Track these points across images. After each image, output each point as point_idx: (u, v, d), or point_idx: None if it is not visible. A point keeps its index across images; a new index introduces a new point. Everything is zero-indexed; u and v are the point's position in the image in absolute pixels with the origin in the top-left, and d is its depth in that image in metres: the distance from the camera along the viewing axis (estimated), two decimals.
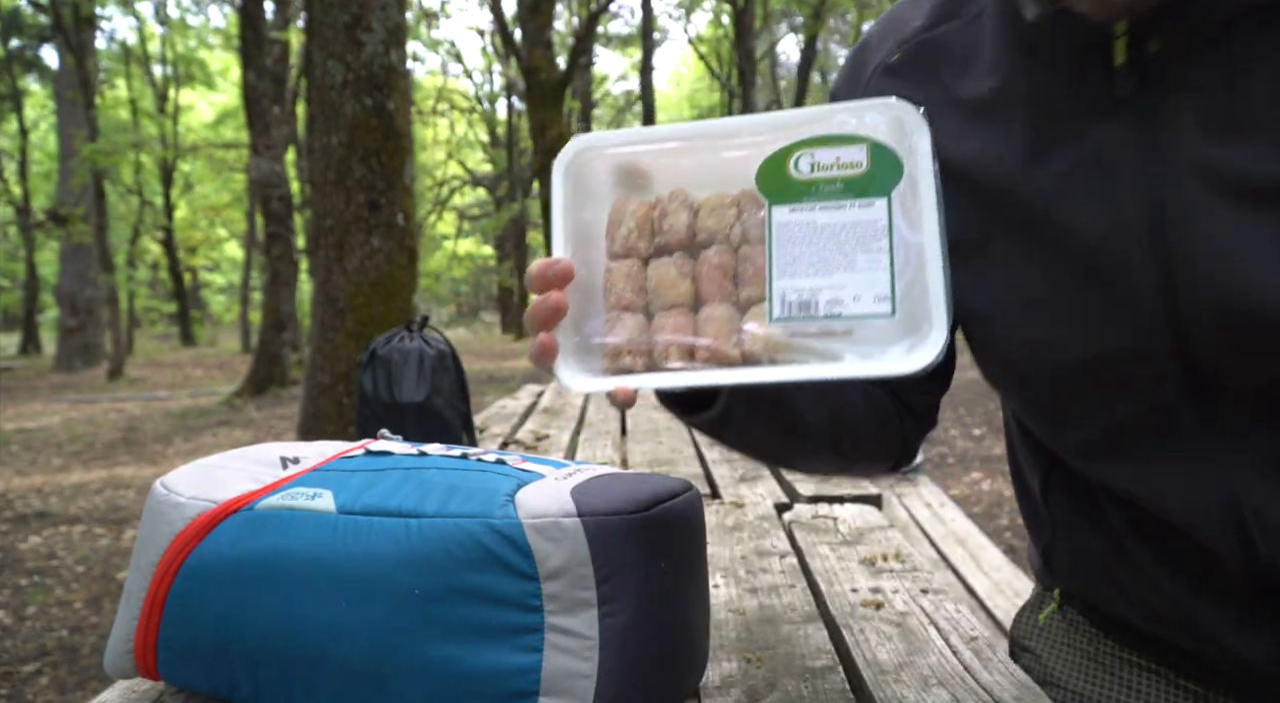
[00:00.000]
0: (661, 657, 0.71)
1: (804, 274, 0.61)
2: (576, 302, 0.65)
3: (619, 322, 0.64)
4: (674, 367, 0.62)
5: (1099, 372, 0.66)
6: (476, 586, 0.65)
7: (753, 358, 0.61)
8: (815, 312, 0.60)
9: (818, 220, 0.62)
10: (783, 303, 0.61)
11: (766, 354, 0.61)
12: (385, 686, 0.66)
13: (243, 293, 20.90)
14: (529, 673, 0.65)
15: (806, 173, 0.63)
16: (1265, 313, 0.56)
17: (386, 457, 0.79)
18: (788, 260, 0.62)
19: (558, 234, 0.65)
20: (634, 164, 0.67)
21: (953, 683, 0.79)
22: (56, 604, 3.66)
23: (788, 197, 0.63)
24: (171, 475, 0.78)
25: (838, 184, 0.62)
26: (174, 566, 0.72)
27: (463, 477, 0.71)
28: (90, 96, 13.76)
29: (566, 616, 0.65)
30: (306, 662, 0.68)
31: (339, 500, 0.71)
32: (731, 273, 0.64)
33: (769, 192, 0.63)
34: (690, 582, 0.76)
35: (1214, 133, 0.58)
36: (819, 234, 0.61)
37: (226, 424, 8.34)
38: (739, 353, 0.61)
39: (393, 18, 4.15)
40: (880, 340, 0.59)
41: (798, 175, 0.63)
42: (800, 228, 0.62)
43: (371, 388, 1.40)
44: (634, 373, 0.62)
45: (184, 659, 0.73)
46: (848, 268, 0.60)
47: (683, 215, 0.65)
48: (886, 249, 0.60)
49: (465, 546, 0.66)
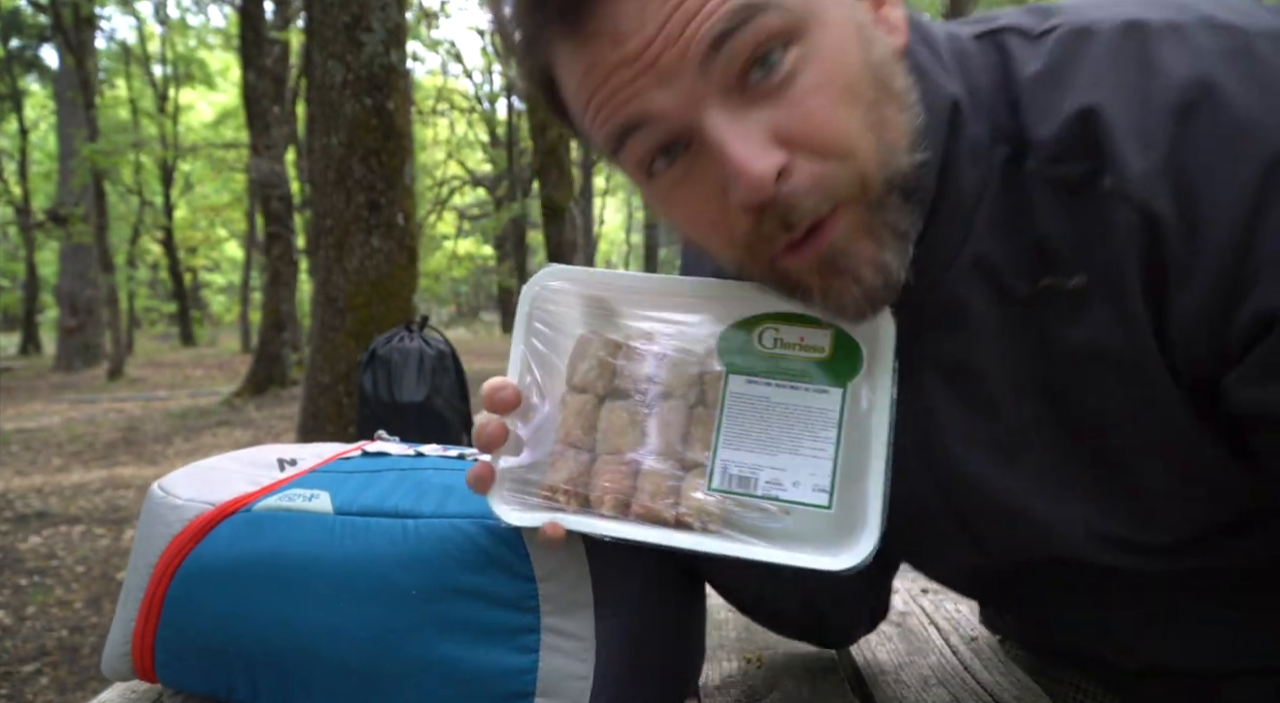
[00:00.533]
0: (658, 658, 0.71)
1: (749, 449, 0.61)
2: (525, 428, 0.65)
3: (562, 458, 0.64)
4: (607, 515, 0.62)
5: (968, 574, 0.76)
6: (473, 586, 0.65)
7: (685, 523, 0.61)
8: (753, 489, 0.60)
9: (771, 397, 0.62)
10: (723, 474, 0.61)
11: (699, 522, 0.61)
12: (382, 686, 0.66)
13: (243, 293, 20.88)
14: (525, 674, 0.65)
15: (770, 347, 0.63)
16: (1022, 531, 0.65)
17: (383, 458, 0.79)
18: (735, 433, 0.62)
19: (514, 359, 0.65)
20: (604, 300, 0.68)
21: (953, 683, 0.79)
22: (56, 604, 3.66)
23: (747, 368, 0.63)
24: (169, 478, 0.78)
25: (797, 364, 0.62)
26: (171, 567, 0.72)
27: (459, 477, 0.71)
28: (90, 96, 13.75)
29: (563, 617, 0.65)
30: (304, 662, 0.68)
31: (336, 501, 0.71)
32: (681, 432, 0.64)
33: (729, 359, 0.64)
34: (687, 583, 0.76)
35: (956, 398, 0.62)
36: (771, 411, 0.62)
37: (226, 424, 8.33)
38: (673, 516, 0.61)
39: (393, 18, 4.15)
40: (814, 531, 0.60)
41: (761, 348, 0.63)
42: (753, 401, 0.62)
43: (371, 388, 1.39)
44: (566, 513, 0.62)
45: (182, 661, 0.73)
46: (792, 451, 0.60)
47: (645, 363, 0.65)
48: (833, 441, 0.60)
49: (462, 546, 0.65)
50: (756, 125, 0.51)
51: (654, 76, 0.50)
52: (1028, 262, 0.57)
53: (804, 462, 0.60)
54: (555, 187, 11.16)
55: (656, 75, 0.50)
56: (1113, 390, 0.56)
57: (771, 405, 0.62)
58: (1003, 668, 0.82)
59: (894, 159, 0.53)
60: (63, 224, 14.81)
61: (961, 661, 0.83)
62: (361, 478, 0.74)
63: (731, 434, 0.62)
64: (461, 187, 23.09)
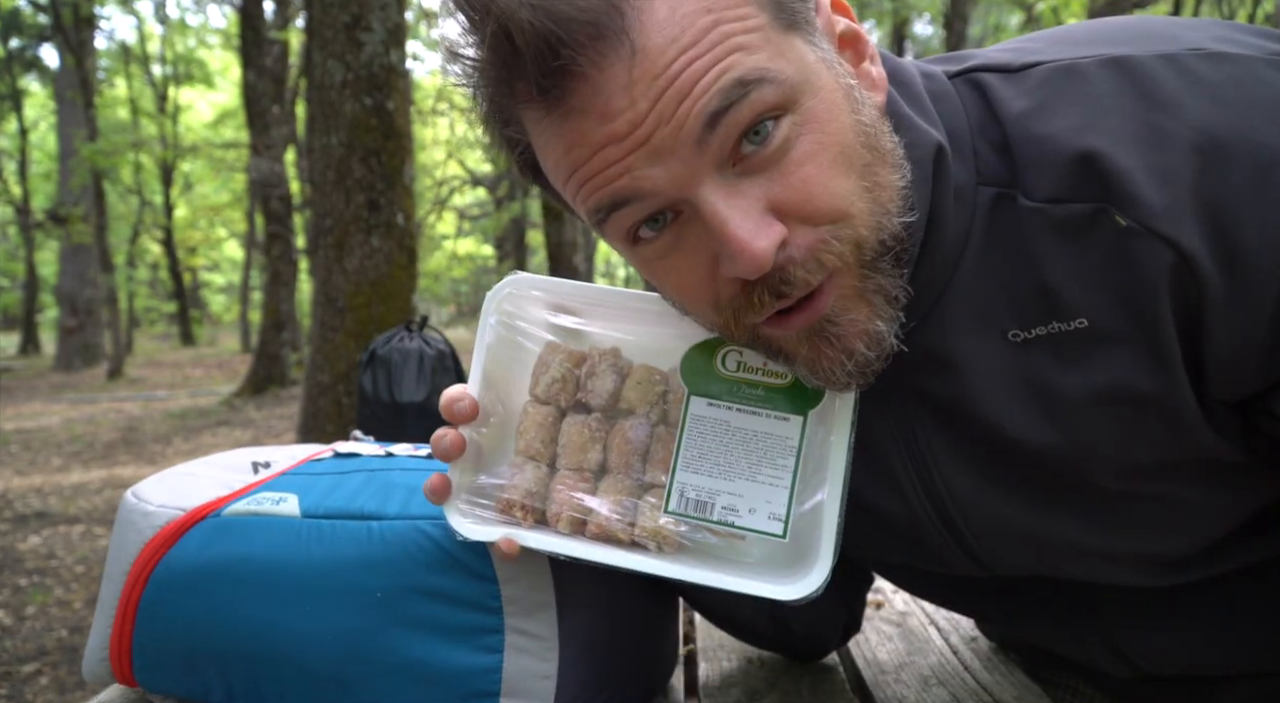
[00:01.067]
0: (623, 656, 0.71)
1: (707, 473, 0.61)
2: (485, 436, 0.65)
3: (521, 471, 0.64)
4: (563, 533, 0.62)
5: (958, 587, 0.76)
6: (437, 587, 0.66)
7: (640, 544, 0.61)
8: (710, 514, 0.60)
9: (732, 422, 0.61)
10: (680, 498, 0.61)
11: (655, 544, 0.61)
12: (351, 687, 0.67)
13: (242, 293, 20.88)
14: (490, 674, 0.66)
15: (732, 370, 0.62)
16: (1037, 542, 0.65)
17: (354, 458, 0.79)
18: (694, 455, 0.61)
19: (476, 371, 0.65)
20: (570, 311, 0.67)
21: (953, 683, 0.79)
22: (56, 604, 3.66)
23: (708, 391, 0.62)
24: (142, 484, 0.79)
25: (759, 390, 0.62)
26: (144, 573, 0.73)
27: (425, 478, 0.72)
28: (90, 96, 13.75)
29: (526, 617, 0.66)
30: (274, 664, 0.69)
31: (304, 504, 0.72)
32: (641, 451, 0.63)
33: (691, 380, 0.63)
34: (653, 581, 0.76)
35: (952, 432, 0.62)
36: (730, 435, 0.61)
37: (226, 424, 8.33)
38: (628, 537, 0.61)
39: (393, 18, 4.15)
40: (768, 558, 0.60)
41: (723, 371, 0.63)
42: (714, 424, 0.62)
43: (371, 388, 1.39)
44: (522, 530, 0.62)
45: (158, 665, 0.73)
46: (750, 478, 0.60)
47: (609, 379, 0.64)
48: (791, 469, 0.60)
49: (425, 548, 0.66)
50: (754, 200, 0.50)
51: (645, 154, 0.49)
52: (1020, 303, 0.56)
53: (761, 489, 0.59)
54: None
55: (648, 153, 0.49)
56: (1128, 424, 0.56)
57: (731, 430, 0.61)
58: (1003, 668, 0.82)
59: (887, 221, 0.53)
60: (62, 224, 14.81)
61: (961, 661, 0.83)
62: (330, 480, 0.75)
63: (690, 457, 0.61)
64: (461, 186, 23.09)
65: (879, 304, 0.54)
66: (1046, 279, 0.54)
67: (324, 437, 4.03)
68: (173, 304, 24.23)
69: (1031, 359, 0.57)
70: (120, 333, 14.33)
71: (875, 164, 0.53)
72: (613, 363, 0.65)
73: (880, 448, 0.65)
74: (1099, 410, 0.56)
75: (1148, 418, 0.55)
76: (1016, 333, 0.57)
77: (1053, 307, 0.55)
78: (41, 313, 22.81)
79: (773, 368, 0.62)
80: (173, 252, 21.14)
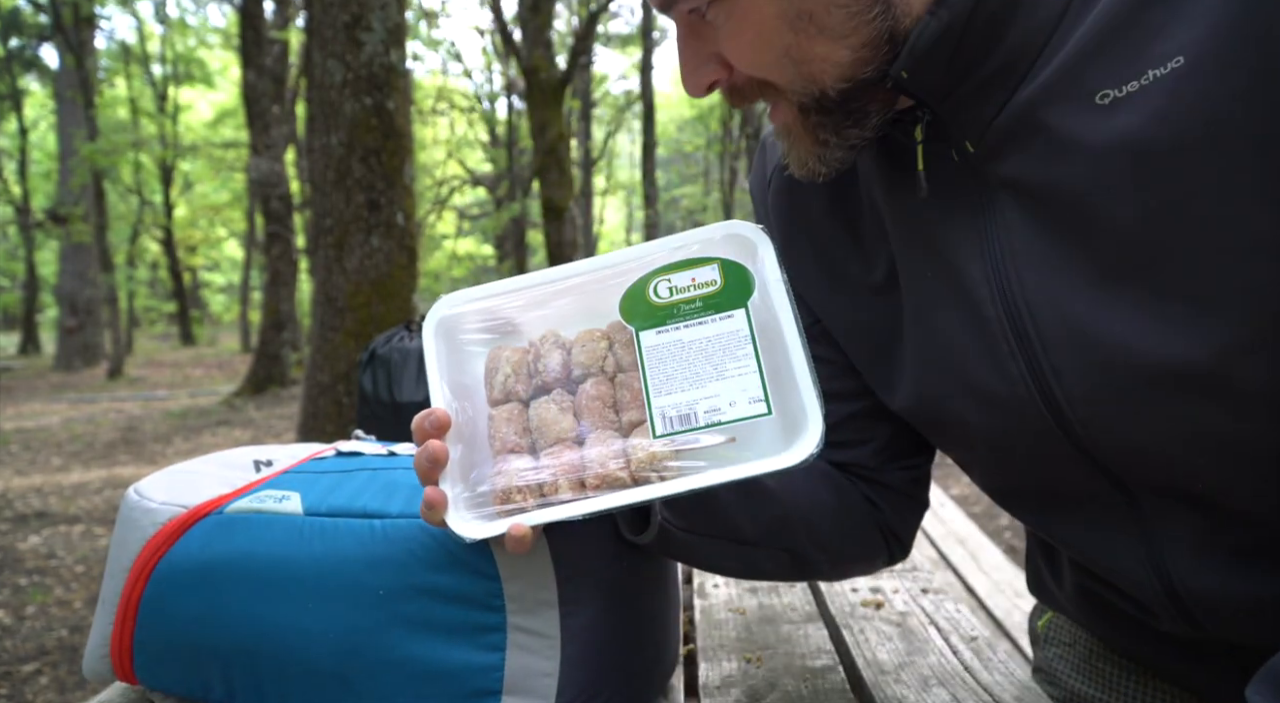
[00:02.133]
0: (625, 654, 0.71)
1: (679, 390, 0.63)
2: (463, 452, 0.65)
3: (505, 464, 0.64)
4: (565, 499, 0.62)
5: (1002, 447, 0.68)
6: (439, 585, 0.66)
7: (642, 477, 0.62)
8: (696, 422, 0.62)
9: (684, 338, 0.65)
10: (664, 419, 0.63)
11: (655, 471, 0.62)
12: (353, 685, 0.67)
13: (242, 293, 20.89)
14: (492, 671, 0.65)
15: (666, 297, 0.66)
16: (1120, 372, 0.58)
17: (356, 457, 0.79)
18: (661, 379, 0.64)
19: (434, 388, 0.67)
20: (500, 314, 0.70)
21: (953, 683, 0.79)
22: (56, 604, 3.66)
23: (652, 321, 0.66)
24: (144, 482, 0.79)
25: (697, 302, 0.66)
26: (146, 570, 0.73)
27: None
28: (90, 96, 13.75)
29: (528, 615, 0.66)
30: (276, 662, 0.68)
31: (306, 502, 0.72)
32: (611, 402, 0.66)
33: (633, 319, 0.67)
34: (656, 579, 0.76)
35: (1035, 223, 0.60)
36: (687, 350, 0.64)
37: (226, 424, 8.33)
38: (628, 475, 0.62)
39: (393, 17, 4.15)
40: (761, 441, 0.62)
41: (658, 300, 0.66)
42: (669, 347, 0.65)
43: (371, 388, 1.39)
44: (525, 511, 0.62)
45: (159, 663, 0.73)
46: (719, 377, 0.63)
47: (556, 355, 0.67)
48: (752, 355, 0.63)
49: (427, 546, 0.66)
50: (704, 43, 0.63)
51: None
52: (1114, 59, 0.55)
53: (733, 382, 0.62)
54: (555, 186, 11.15)
55: None
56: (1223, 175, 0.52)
57: (685, 346, 0.64)
58: (1003, 668, 0.82)
59: (814, 87, 0.61)
60: (62, 224, 14.81)
61: (961, 661, 0.84)
62: (333, 478, 0.75)
63: (658, 382, 0.64)
64: (461, 186, 23.09)
65: (830, 143, 0.63)
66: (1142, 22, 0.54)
67: (324, 436, 4.03)
68: (173, 304, 24.24)
69: (1121, 119, 0.54)
70: (120, 333, 14.34)
71: (803, 43, 0.59)
72: (555, 341, 0.68)
73: (955, 255, 0.64)
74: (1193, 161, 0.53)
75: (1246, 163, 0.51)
76: (1106, 94, 0.55)
77: (1149, 55, 0.53)
78: (41, 313, 22.82)
79: (701, 280, 0.66)
80: (173, 251, 21.14)
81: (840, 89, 0.60)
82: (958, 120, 0.61)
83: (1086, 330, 0.58)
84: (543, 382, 0.67)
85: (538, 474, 0.63)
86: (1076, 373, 0.59)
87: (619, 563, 0.70)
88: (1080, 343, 0.58)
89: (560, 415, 0.65)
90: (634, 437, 0.63)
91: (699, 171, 27.33)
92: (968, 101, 0.60)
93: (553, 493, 0.62)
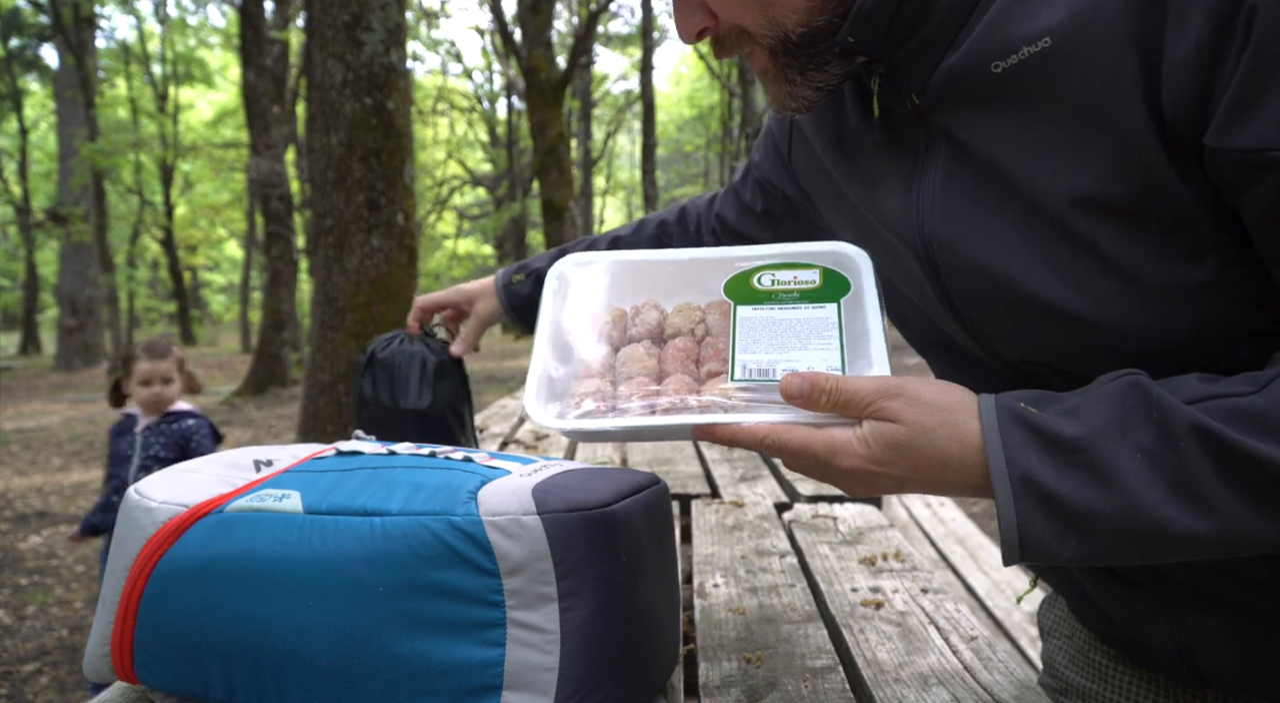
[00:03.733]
0: (625, 650, 0.71)
1: (763, 351, 0.68)
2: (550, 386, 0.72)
3: (585, 381, 0.70)
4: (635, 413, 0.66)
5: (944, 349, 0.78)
6: (439, 582, 0.66)
7: (709, 410, 0.65)
8: (772, 376, 0.66)
9: (776, 316, 0.71)
10: (743, 369, 0.67)
11: (721, 407, 0.65)
12: (353, 682, 0.67)
13: (243, 293, 20.91)
14: (492, 667, 0.66)
15: (768, 285, 0.73)
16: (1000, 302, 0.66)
17: (356, 456, 0.80)
18: (749, 342, 0.69)
19: (541, 335, 0.74)
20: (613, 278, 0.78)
21: (953, 683, 0.79)
22: (56, 604, 3.67)
23: (751, 301, 0.72)
24: (145, 481, 0.79)
25: (794, 293, 0.72)
26: (147, 569, 0.73)
27: (428, 475, 0.72)
28: (90, 96, 13.76)
29: (528, 611, 0.66)
30: (277, 661, 0.69)
31: (306, 501, 0.72)
32: (694, 356, 0.71)
33: (734, 297, 0.73)
34: (655, 575, 0.76)
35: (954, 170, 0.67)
36: (778, 326, 0.70)
37: (226, 424, 8.33)
38: (698, 403, 0.66)
39: (393, 17, 4.15)
40: None
41: (760, 287, 0.73)
42: (761, 321, 0.71)
43: (371, 391, 1.39)
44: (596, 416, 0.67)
45: (159, 661, 0.73)
46: (801, 348, 0.68)
47: (653, 314, 0.75)
48: (837, 337, 0.68)
49: (427, 543, 0.66)
50: None
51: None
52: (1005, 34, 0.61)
53: (814, 353, 0.67)
54: (555, 187, 11.15)
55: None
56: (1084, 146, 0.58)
57: (777, 322, 0.70)
58: (1003, 668, 0.82)
59: (779, 30, 0.67)
60: (63, 224, 14.82)
61: (961, 661, 0.84)
62: (333, 477, 0.75)
63: (746, 343, 0.69)
64: (461, 186, 23.10)
65: (797, 81, 0.69)
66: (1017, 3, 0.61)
67: (324, 436, 4.03)
68: (173, 304, 24.25)
69: (1009, 89, 0.61)
70: (120, 332, 14.35)
71: None
72: (654, 305, 0.75)
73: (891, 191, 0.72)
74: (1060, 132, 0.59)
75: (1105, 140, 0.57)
76: (998, 64, 0.61)
77: (1022, 32, 0.60)
78: (42, 313, 22.84)
79: (802, 279, 0.72)
80: (173, 251, 21.15)
81: (799, 33, 0.67)
82: (903, 74, 0.67)
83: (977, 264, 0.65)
84: (636, 332, 0.73)
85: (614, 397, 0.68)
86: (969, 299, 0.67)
87: (619, 560, 0.70)
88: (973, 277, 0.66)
89: (645, 357, 0.71)
90: (709, 383, 0.67)
91: (699, 172, 27.35)
92: (909, 59, 0.66)
93: (625, 409, 0.66)
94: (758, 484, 1.57)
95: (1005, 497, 0.54)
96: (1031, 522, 0.54)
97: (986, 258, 0.65)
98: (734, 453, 1.86)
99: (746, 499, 1.45)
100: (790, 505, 1.41)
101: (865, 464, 0.58)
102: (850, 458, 0.58)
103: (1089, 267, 0.61)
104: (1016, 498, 0.54)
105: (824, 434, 0.59)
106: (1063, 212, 0.60)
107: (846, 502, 1.41)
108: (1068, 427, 0.54)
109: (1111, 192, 0.58)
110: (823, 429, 0.60)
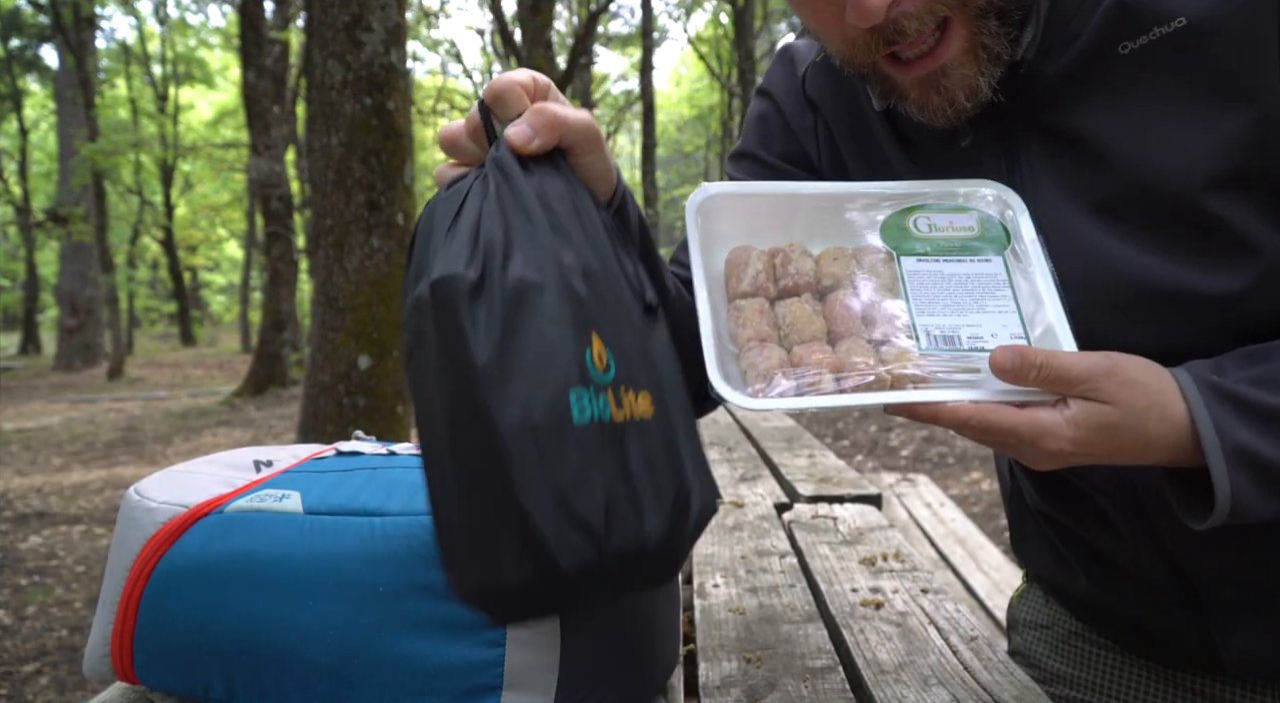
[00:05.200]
0: (625, 650, 0.71)
1: (941, 314, 0.65)
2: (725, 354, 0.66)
3: (764, 349, 0.64)
4: (827, 391, 0.62)
5: None
6: (439, 582, 0.66)
7: (900, 385, 0.62)
8: (959, 345, 0.64)
9: (944, 270, 0.67)
10: (928, 336, 0.64)
11: (912, 382, 0.62)
12: (353, 682, 0.67)
13: (243, 293, 20.92)
14: (492, 667, 0.66)
15: (925, 231, 0.69)
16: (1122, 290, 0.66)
17: (356, 457, 0.80)
18: (924, 301, 0.66)
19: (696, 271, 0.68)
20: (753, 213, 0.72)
21: (953, 683, 0.79)
22: (56, 604, 3.67)
23: (913, 249, 0.68)
24: (145, 481, 0.79)
25: (955, 243, 0.68)
26: (146, 569, 0.73)
27: None
28: (90, 96, 13.76)
29: None
30: (277, 661, 0.68)
31: (306, 501, 0.72)
32: (861, 316, 0.66)
33: (893, 243, 0.69)
34: None
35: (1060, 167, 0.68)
36: (947, 282, 0.67)
37: (226, 424, 8.33)
38: (889, 375, 0.62)
39: (393, 18, 4.15)
40: None
41: (918, 233, 0.69)
42: (929, 276, 0.67)
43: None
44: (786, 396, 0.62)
45: (159, 662, 0.73)
46: (979, 311, 0.65)
47: (806, 262, 0.69)
48: (1011, 298, 0.65)
49: (427, 543, 0.66)
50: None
51: None
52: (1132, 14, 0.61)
53: (994, 317, 0.64)
54: None
55: None
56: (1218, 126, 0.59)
57: (946, 277, 0.67)
58: (1003, 668, 0.82)
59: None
60: (63, 224, 14.82)
61: (961, 661, 0.84)
62: (333, 477, 0.75)
63: (921, 304, 0.66)
64: None
65: (984, 62, 0.64)
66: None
67: (324, 437, 4.02)
68: (173, 304, 24.25)
69: (1138, 69, 0.62)
70: (120, 333, 14.35)
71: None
72: (802, 249, 0.69)
73: None
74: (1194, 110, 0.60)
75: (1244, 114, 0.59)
76: (1125, 44, 0.62)
77: (1154, 12, 0.60)
78: (42, 313, 22.84)
79: (959, 224, 0.69)
80: (173, 251, 21.14)
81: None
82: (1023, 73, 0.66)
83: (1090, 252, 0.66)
84: (790, 284, 0.68)
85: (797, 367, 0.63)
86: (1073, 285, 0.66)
87: None
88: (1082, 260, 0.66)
89: (814, 317, 0.66)
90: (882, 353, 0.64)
91: (699, 172, 27.33)
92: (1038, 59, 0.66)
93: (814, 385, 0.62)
94: (758, 484, 1.57)
95: (1220, 470, 0.56)
96: (1245, 490, 0.56)
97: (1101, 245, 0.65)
98: (734, 453, 1.86)
99: (746, 499, 1.45)
100: (790, 506, 1.41)
101: (1070, 447, 0.57)
102: (1057, 441, 0.57)
103: (1222, 246, 0.62)
104: (1231, 470, 0.56)
105: (1031, 417, 0.57)
106: (1194, 192, 0.61)
107: (846, 502, 1.41)
108: (1269, 398, 0.57)
109: (1249, 167, 0.60)
110: (1028, 411, 0.57)
